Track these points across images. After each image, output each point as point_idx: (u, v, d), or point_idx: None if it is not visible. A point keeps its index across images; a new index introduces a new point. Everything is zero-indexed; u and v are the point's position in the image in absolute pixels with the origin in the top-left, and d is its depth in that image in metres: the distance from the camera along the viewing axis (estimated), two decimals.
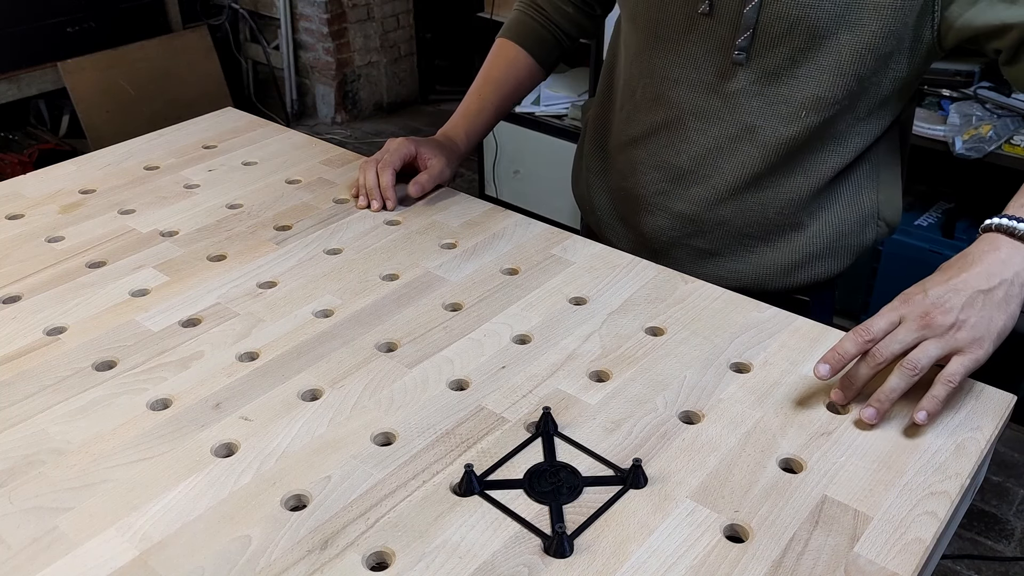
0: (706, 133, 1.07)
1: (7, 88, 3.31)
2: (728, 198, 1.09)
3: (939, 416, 0.80)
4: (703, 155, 1.08)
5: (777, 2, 0.95)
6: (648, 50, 1.07)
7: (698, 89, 1.05)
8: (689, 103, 1.06)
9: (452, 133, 1.24)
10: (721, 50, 1.01)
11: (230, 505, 0.72)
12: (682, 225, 1.14)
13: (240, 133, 1.40)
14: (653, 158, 1.12)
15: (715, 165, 1.08)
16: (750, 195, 1.08)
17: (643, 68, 1.09)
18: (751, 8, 0.96)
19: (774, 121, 1.02)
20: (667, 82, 1.07)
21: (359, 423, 0.81)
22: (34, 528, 0.70)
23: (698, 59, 1.03)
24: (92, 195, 1.22)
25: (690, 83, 1.05)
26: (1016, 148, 2.13)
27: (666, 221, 1.14)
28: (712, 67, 1.03)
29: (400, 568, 0.66)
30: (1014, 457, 2.20)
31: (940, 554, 0.76)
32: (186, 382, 0.86)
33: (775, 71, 0.99)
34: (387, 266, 1.05)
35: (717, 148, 1.07)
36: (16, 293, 1.00)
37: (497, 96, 1.25)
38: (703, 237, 1.13)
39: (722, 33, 1.00)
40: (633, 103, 1.13)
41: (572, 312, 0.96)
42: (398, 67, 4.16)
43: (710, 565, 0.67)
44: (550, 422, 0.80)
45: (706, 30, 1.01)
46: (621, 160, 1.17)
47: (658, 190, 1.13)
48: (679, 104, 1.07)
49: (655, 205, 1.14)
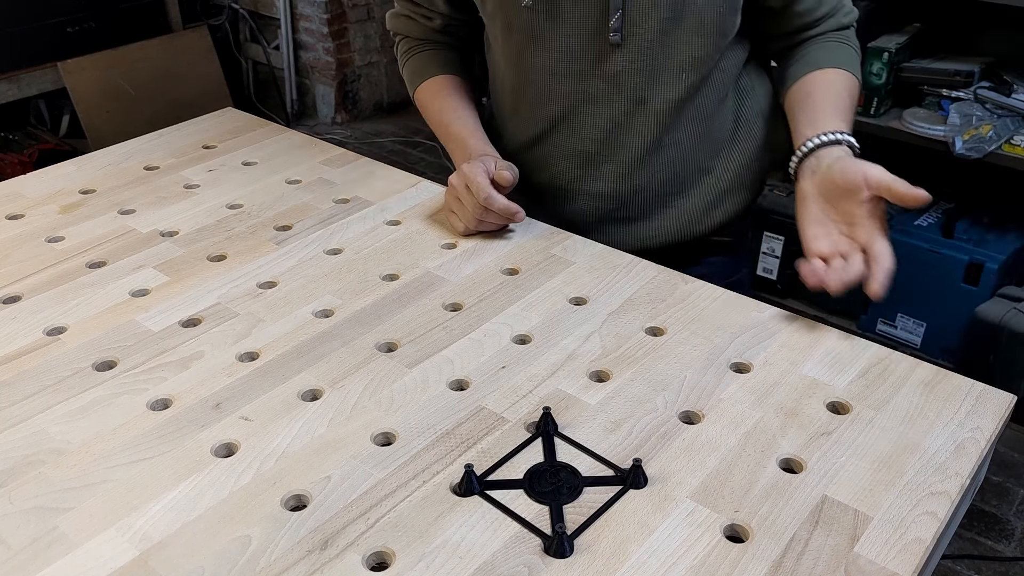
0: (601, 115, 1.11)
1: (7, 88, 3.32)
2: (638, 167, 1.15)
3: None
4: (604, 137, 1.13)
5: None
6: (527, 51, 1.10)
7: (583, 77, 1.09)
8: (578, 92, 1.10)
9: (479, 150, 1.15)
10: (596, 35, 1.05)
11: (230, 505, 0.72)
12: (603, 203, 1.18)
13: (240, 133, 1.40)
14: (559, 149, 1.17)
15: (618, 141, 1.13)
16: (657, 158, 1.14)
17: (526, 69, 1.12)
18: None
19: (659, 89, 1.09)
20: (553, 77, 1.10)
21: (359, 423, 0.81)
22: (34, 528, 0.70)
23: (576, 49, 1.07)
24: (92, 195, 1.22)
25: (574, 73, 1.09)
26: (1016, 148, 2.13)
27: (587, 203, 1.19)
28: (590, 53, 1.07)
29: (400, 568, 0.66)
30: (1014, 457, 2.20)
31: (940, 554, 0.76)
32: (186, 382, 0.86)
33: (648, 45, 1.05)
34: (387, 266, 1.05)
35: (615, 126, 1.12)
36: (16, 293, 1.00)
37: (472, 114, 1.22)
38: (625, 208, 1.18)
39: (593, 19, 1.04)
40: (526, 104, 1.16)
41: (572, 312, 0.96)
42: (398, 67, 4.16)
43: (710, 565, 0.67)
44: (550, 422, 0.80)
45: (578, 20, 1.05)
46: (528, 159, 1.20)
47: (572, 176, 1.18)
48: (569, 95, 1.11)
49: (572, 191, 1.19)
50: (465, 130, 1.19)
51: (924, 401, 0.83)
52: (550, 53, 1.09)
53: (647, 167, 1.15)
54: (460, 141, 1.18)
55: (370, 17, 3.95)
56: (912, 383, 0.85)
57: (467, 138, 1.18)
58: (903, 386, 0.85)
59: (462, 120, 1.21)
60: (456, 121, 1.21)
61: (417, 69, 1.27)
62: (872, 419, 0.81)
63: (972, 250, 2.29)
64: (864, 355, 0.89)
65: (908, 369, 0.87)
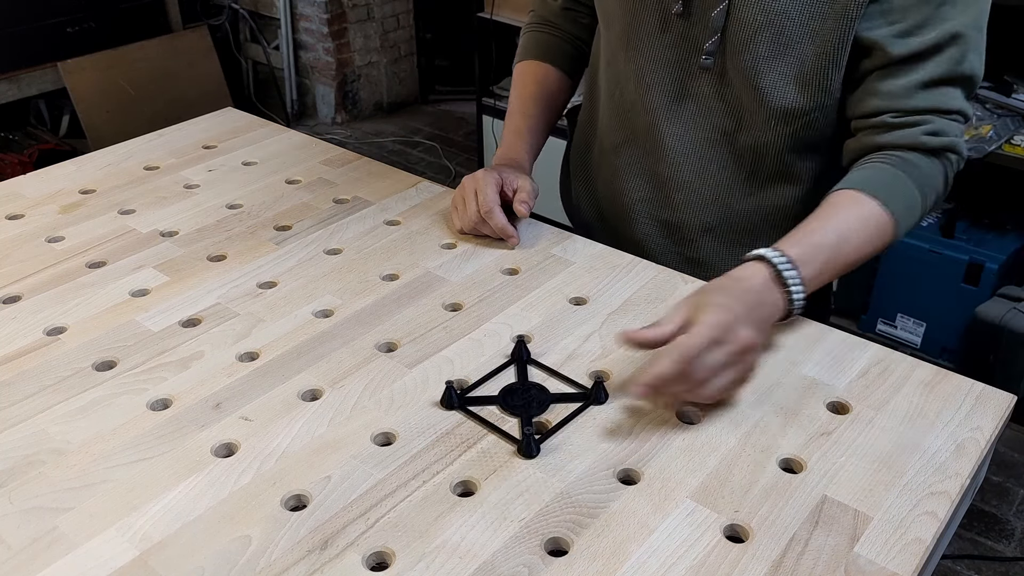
0: (682, 138, 1.06)
1: (7, 88, 3.31)
2: (711, 204, 1.08)
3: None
4: (681, 161, 1.07)
5: (744, 7, 0.94)
6: (623, 53, 1.06)
7: (670, 93, 1.04)
8: (663, 108, 1.05)
9: (514, 154, 1.16)
10: (691, 53, 1.00)
11: (230, 505, 0.72)
12: (668, 232, 1.13)
13: (240, 133, 1.40)
14: (634, 165, 1.12)
15: (694, 170, 1.07)
16: (734, 202, 1.07)
17: (619, 73, 1.09)
18: (719, 12, 0.95)
19: (746, 128, 1.02)
20: (641, 86, 1.06)
21: (359, 423, 0.81)
22: (34, 528, 0.70)
23: (669, 62, 1.02)
24: (92, 195, 1.22)
25: (662, 87, 1.04)
26: (1016, 148, 2.13)
27: (652, 228, 1.14)
28: (681, 70, 1.02)
29: (400, 568, 0.66)
30: (1014, 457, 2.20)
31: (940, 554, 0.76)
32: (186, 382, 0.86)
33: (741, 78, 0.98)
34: (387, 266, 1.05)
35: (695, 153, 1.06)
36: (16, 293, 1.00)
37: (541, 112, 1.20)
38: (691, 246, 1.12)
39: (694, 36, 0.99)
40: (613, 109, 1.12)
41: (572, 312, 0.96)
42: (398, 67, 4.16)
43: (710, 565, 0.67)
44: (523, 349, 0.89)
45: (679, 33, 1.00)
46: (605, 167, 1.17)
47: (641, 197, 1.13)
48: (654, 109, 1.06)
49: (640, 212, 1.14)
50: (517, 131, 1.17)
51: (924, 401, 0.83)
52: (643, 60, 1.04)
53: (721, 208, 1.08)
54: (505, 138, 1.18)
55: (370, 17, 3.95)
56: (912, 383, 0.85)
57: (513, 140, 1.16)
58: (903, 386, 0.85)
59: (523, 118, 1.18)
60: (517, 115, 1.19)
61: (526, 46, 1.24)
62: (872, 419, 0.81)
63: (972, 250, 2.29)
64: (864, 355, 0.89)
65: (908, 369, 0.87)
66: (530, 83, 1.21)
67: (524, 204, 1.07)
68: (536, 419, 0.81)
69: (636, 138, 1.10)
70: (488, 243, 1.09)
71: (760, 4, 0.92)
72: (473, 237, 1.10)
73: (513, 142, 1.17)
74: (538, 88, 1.20)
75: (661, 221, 1.13)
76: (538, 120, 1.20)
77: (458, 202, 1.10)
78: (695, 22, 0.98)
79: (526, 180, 1.09)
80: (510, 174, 1.09)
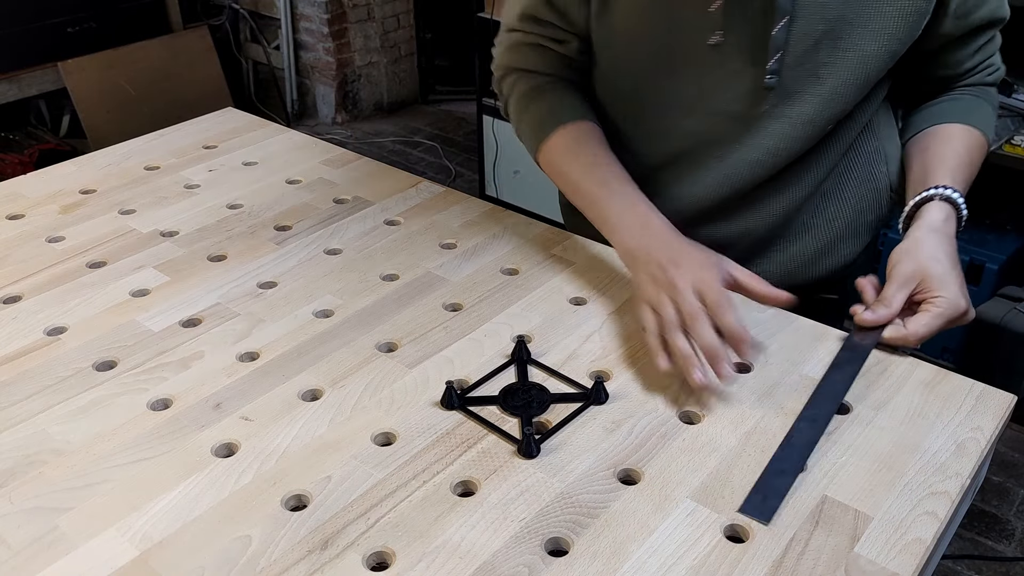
0: (724, 160, 1.00)
1: (7, 88, 3.32)
2: (748, 212, 1.05)
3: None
4: (721, 182, 1.01)
5: (804, 19, 0.91)
6: (651, 81, 1.00)
7: (715, 117, 0.98)
8: (706, 132, 0.99)
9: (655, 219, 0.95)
10: (741, 76, 0.94)
11: (230, 505, 0.72)
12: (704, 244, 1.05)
13: (240, 133, 1.40)
14: (670, 188, 1.04)
15: (734, 188, 1.02)
16: (772, 202, 1.04)
17: (645, 101, 1.02)
18: (780, 29, 0.90)
19: (799, 142, 0.98)
20: (681, 111, 0.99)
21: (359, 423, 0.81)
22: (34, 528, 0.70)
23: (714, 87, 0.96)
24: (92, 195, 1.22)
25: (706, 111, 0.98)
26: (1016, 148, 2.13)
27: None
28: (731, 94, 0.96)
29: (400, 568, 0.66)
30: (1014, 457, 2.20)
31: (940, 554, 0.76)
32: (186, 382, 0.86)
33: (800, 91, 0.95)
34: (387, 266, 1.05)
35: (736, 173, 1.00)
36: (16, 293, 1.00)
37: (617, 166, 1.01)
38: (727, 251, 1.06)
39: (742, 58, 0.94)
40: (644, 133, 1.04)
41: (572, 312, 0.96)
42: (398, 67, 4.16)
43: (710, 565, 0.67)
44: (524, 349, 0.89)
45: (722, 57, 0.94)
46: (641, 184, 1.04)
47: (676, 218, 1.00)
48: (694, 134, 1.00)
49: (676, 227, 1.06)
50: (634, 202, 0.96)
51: (924, 401, 0.83)
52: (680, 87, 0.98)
53: (758, 211, 1.04)
54: (634, 212, 0.95)
55: (370, 17, 3.95)
56: (912, 383, 0.85)
57: (648, 215, 0.95)
58: (903, 386, 0.85)
59: (628, 184, 0.98)
60: (617, 180, 0.98)
61: (552, 110, 1.04)
62: (872, 419, 0.81)
63: (972, 250, 2.29)
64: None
65: (908, 369, 0.87)
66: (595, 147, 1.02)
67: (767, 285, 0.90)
68: (536, 419, 0.81)
69: (669, 164, 1.04)
70: (488, 243, 1.09)
71: (821, 12, 0.90)
72: (474, 236, 1.10)
73: (646, 213, 0.95)
74: (608, 150, 1.02)
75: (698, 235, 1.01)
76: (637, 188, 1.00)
77: (664, 307, 0.86)
78: (741, 46, 0.93)
79: (729, 261, 0.92)
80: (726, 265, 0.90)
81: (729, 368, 0.80)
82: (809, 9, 0.90)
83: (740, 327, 0.82)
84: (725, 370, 0.81)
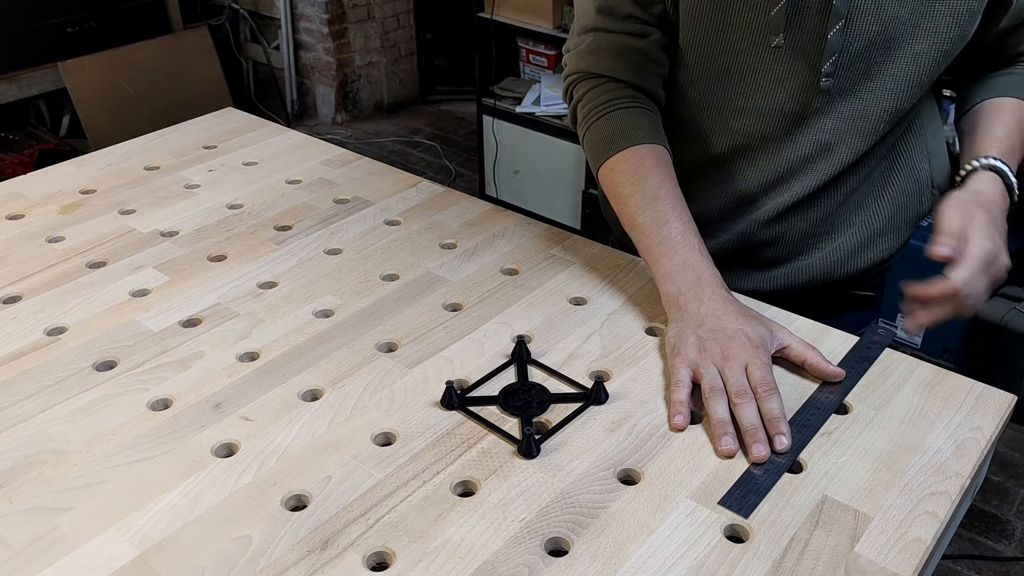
0: (776, 156, 1.02)
1: (7, 88, 3.32)
2: (794, 210, 1.05)
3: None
4: (772, 178, 1.03)
5: (858, 20, 0.91)
6: (706, 80, 1.01)
7: (769, 117, 0.99)
8: (759, 131, 1.01)
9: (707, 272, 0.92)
10: (798, 77, 0.96)
11: (230, 505, 0.72)
12: (746, 242, 1.08)
13: (240, 133, 1.40)
14: (716, 187, 1.06)
15: (785, 185, 1.03)
16: (818, 197, 1.04)
17: (699, 98, 1.03)
18: (836, 32, 0.91)
19: (850, 138, 0.99)
20: (731, 111, 1.01)
21: (359, 423, 0.81)
22: (34, 528, 0.70)
23: (769, 88, 0.98)
24: (92, 195, 1.22)
25: (760, 112, 0.99)
26: None
27: (729, 241, 1.08)
28: (786, 95, 0.97)
29: (400, 568, 0.66)
30: (1014, 457, 2.20)
31: (940, 554, 0.76)
32: (186, 382, 0.86)
33: (852, 89, 0.96)
34: (387, 266, 1.05)
35: (788, 170, 1.02)
36: (16, 293, 1.00)
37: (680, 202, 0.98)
38: (768, 249, 1.08)
39: (800, 61, 0.95)
40: (689, 132, 1.05)
41: (572, 312, 0.96)
42: (398, 67, 4.16)
43: (710, 565, 0.67)
44: (524, 349, 0.89)
45: (779, 60, 0.95)
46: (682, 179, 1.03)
47: (721, 216, 1.07)
48: (747, 133, 1.01)
49: (717, 228, 1.08)
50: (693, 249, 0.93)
51: (924, 401, 0.83)
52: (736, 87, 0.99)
53: (803, 210, 1.05)
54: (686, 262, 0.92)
55: (370, 17, 3.96)
56: (912, 383, 0.85)
57: (702, 266, 0.91)
58: (903, 386, 0.85)
59: (686, 226, 0.94)
60: (677, 220, 0.94)
61: (623, 128, 1.00)
62: (872, 419, 0.81)
63: None
64: None
65: (908, 369, 0.87)
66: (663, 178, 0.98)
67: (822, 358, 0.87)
68: (536, 419, 0.81)
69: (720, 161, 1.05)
70: (488, 243, 1.09)
71: (876, 14, 0.91)
72: (472, 236, 1.10)
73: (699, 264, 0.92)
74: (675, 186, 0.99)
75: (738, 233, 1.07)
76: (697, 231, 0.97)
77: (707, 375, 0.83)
78: (800, 49, 0.94)
79: (781, 328, 0.89)
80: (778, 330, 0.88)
81: (765, 451, 0.76)
82: (864, 11, 0.91)
83: (782, 414, 0.79)
84: (759, 451, 0.76)
